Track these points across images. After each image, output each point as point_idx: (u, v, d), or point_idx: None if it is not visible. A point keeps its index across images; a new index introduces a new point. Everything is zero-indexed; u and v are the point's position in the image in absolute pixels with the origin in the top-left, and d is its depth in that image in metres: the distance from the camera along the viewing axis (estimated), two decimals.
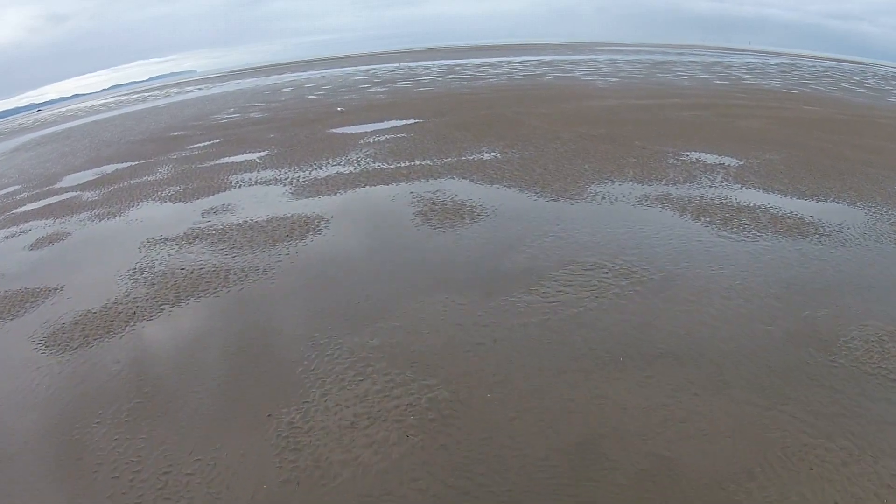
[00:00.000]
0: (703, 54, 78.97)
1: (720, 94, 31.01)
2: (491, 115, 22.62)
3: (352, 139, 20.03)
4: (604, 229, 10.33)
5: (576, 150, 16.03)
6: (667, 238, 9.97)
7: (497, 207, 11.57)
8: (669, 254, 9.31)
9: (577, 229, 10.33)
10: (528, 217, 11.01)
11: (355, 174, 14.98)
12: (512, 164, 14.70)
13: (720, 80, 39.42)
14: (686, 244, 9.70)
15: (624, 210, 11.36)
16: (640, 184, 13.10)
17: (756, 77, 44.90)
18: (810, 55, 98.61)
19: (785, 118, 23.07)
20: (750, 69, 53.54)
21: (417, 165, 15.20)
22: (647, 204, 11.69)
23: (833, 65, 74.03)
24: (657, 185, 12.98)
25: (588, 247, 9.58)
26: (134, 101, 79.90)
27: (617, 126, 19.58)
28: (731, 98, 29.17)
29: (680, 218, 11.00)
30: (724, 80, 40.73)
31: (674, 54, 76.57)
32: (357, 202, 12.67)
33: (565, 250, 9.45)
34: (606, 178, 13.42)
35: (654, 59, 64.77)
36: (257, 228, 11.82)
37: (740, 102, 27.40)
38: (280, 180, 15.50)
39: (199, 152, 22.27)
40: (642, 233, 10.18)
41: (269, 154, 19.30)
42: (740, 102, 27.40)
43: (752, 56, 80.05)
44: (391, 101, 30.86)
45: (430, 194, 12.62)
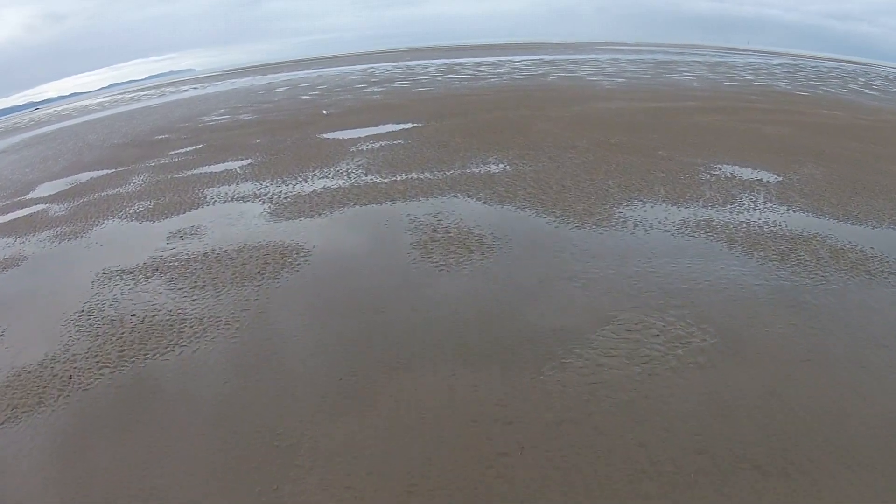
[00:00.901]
0: (704, 54, 76.89)
1: (734, 96, 29.01)
2: (495, 119, 20.57)
3: (343, 146, 17.97)
4: (643, 269, 8.32)
5: (595, 162, 14.01)
6: (720, 281, 8.00)
7: (511, 236, 9.55)
8: (727, 304, 7.34)
9: (610, 269, 8.32)
10: (549, 250, 8.99)
11: (344, 190, 12.93)
12: (524, 180, 12.68)
13: (730, 82, 37.41)
14: (745, 290, 7.73)
15: (663, 241, 9.35)
16: (675, 205, 11.10)
17: (764, 78, 42.91)
18: (811, 55, 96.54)
19: (808, 124, 21.10)
20: (755, 70, 51.55)
21: (416, 179, 13.16)
22: (689, 233, 9.69)
23: (836, 65, 72.10)
24: (695, 208, 10.99)
25: (628, 295, 7.58)
26: (129, 100, 77.61)
27: (635, 133, 17.56)
28: (746, 101, 27.18)
29: (730, 252, 9.02)
30: (734, 81, 38.72)
31: (675, 54, 74.48)
32: (344, 228, 10.63)
33: (601, 300, 7.45)
34: (635, 198, 11.41)
35: (656, 58, 62.70)
36: (225, 261, 9.80)
37: (758, 106, 25.40)
38: (259, 196, 13.45)
39: (178, 159, 20.23)
40: (690, 274, 8.19)
41: (251, 163, 17.24)
42: (758, 106, 25.40)
43: (754, 56, 78.01)
44: (388, 103, 28.77)
45: (430, 218, 10.59)
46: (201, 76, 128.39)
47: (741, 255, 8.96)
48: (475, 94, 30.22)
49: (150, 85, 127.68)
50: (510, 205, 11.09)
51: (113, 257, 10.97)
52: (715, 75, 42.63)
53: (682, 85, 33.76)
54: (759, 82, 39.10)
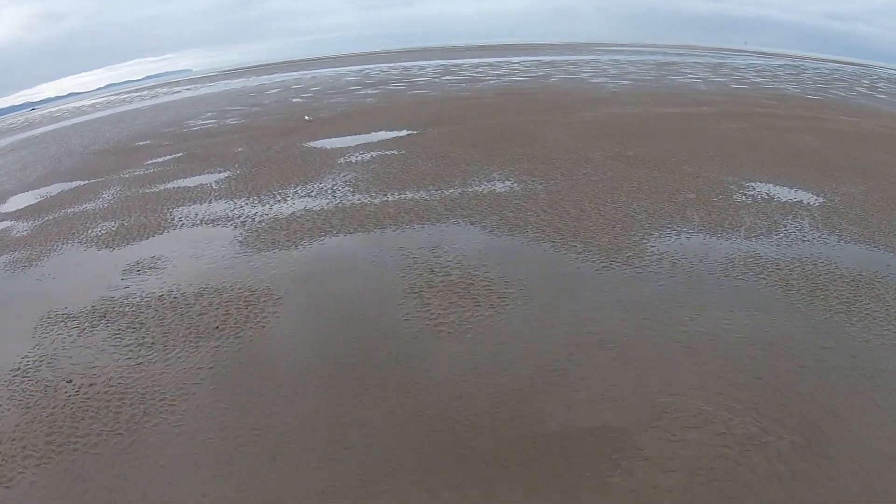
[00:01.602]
0: (704, 55, 75.17)
1: (746, 100, 27.30)
2: (498, 126, 18.76)
3: (330, 157, 16.15)
4: (693, 329, 6.57)
5: (614, 179, 12.23)
6: (786, 344, 6.33)
7: (525, 281, 7.77)
8: (799, 380, 5.71)
9: (652, 328, 6.57)
10: (573, 301, 7.22)
11: (328, 213, 11.13)
12: (535, 201, 10.89)
13: (737, 84, 35.70)
14: (816, 356, 6.09)
15: (710, 287, 7.60)
16: (714, 236, 9.35)
17: (770, 80, 41.25)
18: (810, 56, 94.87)
19: (831, 132, 19.40)
20: (759, 71, 49.89)
21: (410, 201, 11.35)
22: (738, 274, 7.95)
23: (836, 67, 70.57)
24: (737, 239, 9.25)
25: (678, 367, 5.85)
26: (121, 101, 75.53)
27: (652, 142, 15.79)
28: (760, 106, 25.46)
29: (788, 300, 7.32)
30: (741, 83, 37.02)
31: (674, 55, 72.72)
32: (323, 265, 8.82)
33: (645, 377, 5.71)
34: (667, 227, 9.65)
35: (656, 59, 60.96)
36: (181, 308, 8.03)
37: (774, 112, 23.68)
38: (231, 219, 11.64)
39: (154, 170, 18.41)
40: (750, 333, 6.48)
41: (229, 176, 15.40)
42: (774, 112, 23.68)
43: (754, 58, 76.32)
44: (382, 106, 26.93)
45: (426, 253, 8.80)
46: (196, 77, 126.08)
47: (802, 305, 7.24)
48: (474, 97, 28.39)
49: (146, 86, 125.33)
50: (522, 235, 9.30)
51: (62, 295, 9.31)
52: (720, 77, 40.92)
53: (689, 88, 32.01)
54: (766, 85, 37.41)
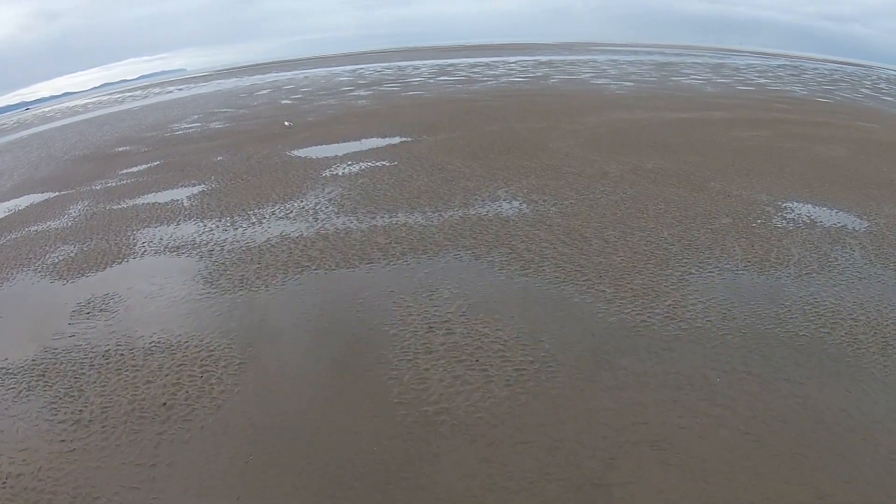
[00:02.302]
0: (702, 55, 73.59)
1: (757, 104, 25.76)
2: (499, 133, 17.11)
3: (315, 168, 14.45)
4: (762, 414, 4.98)
5: (637, 199, 10.62)
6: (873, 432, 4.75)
7: (548, 344, 6.16)
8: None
9: (712, 417, 4.97)
10: (612, 376, 5.63)
11: (307, 241, 9.45)
12: (550, 228, 9.26)
13: (743, 86, 34.16)
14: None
15: (770, 351, 6.06)
16: (762, 273, 7.81)
17: (774, 82, 39.75)
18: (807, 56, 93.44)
19: (854, 141, 17.86)
20: (761, 72, 48.39)
21: (402, 226, 9.69)
22: (799, 330, 6.44)
23: (835, 67, 69.24)
24: (788, 278, 7.72)
25: (755, 475, 4.26)
26: (113, 101, 73.41)
27: (671, 154, 14.19)
28: (773, 110, 23.92)
29: (859, 365, 5.76)
30: (746, 85, 35.49)
31: (672, 55, 71.14)
32: (297, 318, 7.15)
33: (712, 492, 4.10)
34: (707, 262, 8.06)
35: (654, 59, 59.38)
36: (127, 372, 6.48)
37: (789, 117, 22.14)
38: (198, 247, 9.97)
39: (127, 182, 16.72)
40: (830, 420, 4.88)
41: (203, 191, 13.71)
42: (789, 117, 22.14)
43: (752, 58, 74.80)
44: (374, 109, 25.22)
45: (423, 300, 7.15)
46: (190, 76, 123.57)
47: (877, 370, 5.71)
48: (472, 99, 26.71)
49: (139, 85, 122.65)
50: (537, 275, 7.66)
51: (4, 342, 7.81)
52: (723, 78, 39.38)
53: (695, 90, 30.44)
54: (772, 86, 35.89)
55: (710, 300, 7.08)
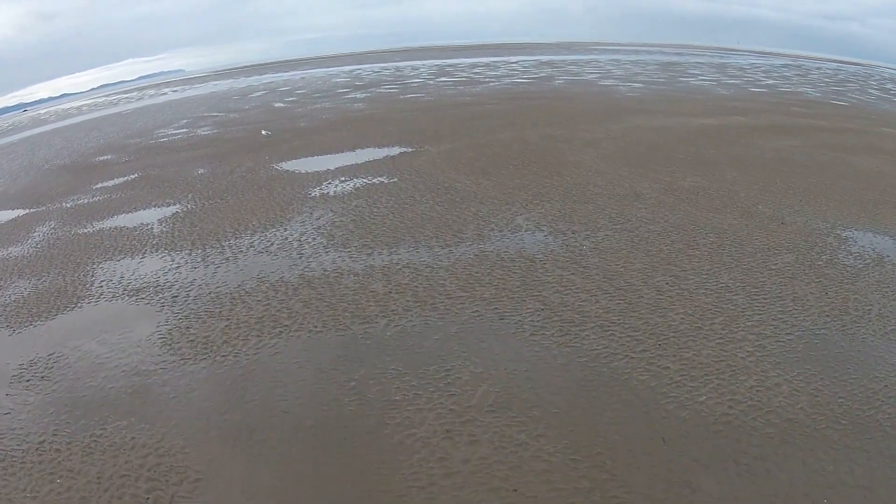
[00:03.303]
0: (703, 54, 71.73)
1: (776, 108, 24.03)
2: (511, 143, 15.29)
3: (303, 185, 12.64)
4: None
5: (682, 229, 8.86)
6: None
7: (616, 470, 4.40)
8: None
9: None
10: None
11: (288, 287, 7.66)
12: (586, 271, 7.49)
13: (755, 88, 32.41)
14: None
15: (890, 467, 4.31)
16: (845, 333, 6.17)
17: (783, 82, 38.02)
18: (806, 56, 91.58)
19: (891, 152, 16.15)
20: (766, 72, 46.64)
21: (406, 268, 7.90)
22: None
23: (837, 67, 67.55)
24: (874, 339, 6.09)
25: None
26: (107, 104, 71.37)
27: (707, 169, 12.42)
28: (795, 115, 22.19)
29: None
30: (757, 86, 33.75)
31: (673, 54, 69.28)
32: (269, 409, 5.36)
33: None
34: (781, 320, 6.36)
35: (657, 59, 57.54)
36: (59, 482, 4.69)
37: (814, 123, 20.42)
38: (161, 290, 8.20)
39: (99, 199, 14.96)
40: None
41: (177, 213, 11.91)
42: (814, 123, 20.42)
43: (753, 57, 72.96)
44: (371, 114, 23.37)
45: (436, 385, 5.39)
46: (188, 77, 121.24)
47: None
48: (476, 102, 24.86)
49: (136, 87, 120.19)
50: (580, 344, 5.89)
51: None
52: (732, 79, 37.63)
53: (708, 92, 28.66)
54: (782, 88, 34.15)
55: (794, 376, 5.39)
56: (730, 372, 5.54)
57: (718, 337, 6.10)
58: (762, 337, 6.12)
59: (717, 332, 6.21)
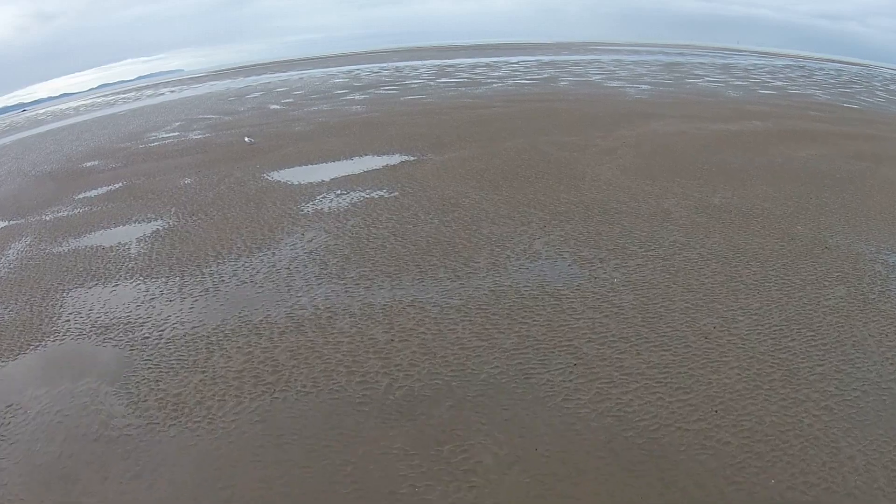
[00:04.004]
0: (704, 54, 70.59)
1: (790, 111, 22.99)
2: (521, 152, 14.17)
3: (295, 199, 11.53)
4: None
5: (721, 256, 7.79)
6: None
7: None
8: None
9: None
10: None
11: (273, 331, 6.57)
12: (621, 312, 6.43)
13: (763, 90, 31.34)
14: None
15: None
16: None
17: (791, 84, 36.97)
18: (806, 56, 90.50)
19: None
20: (771, 73, 45.59)
21: (410, 306, 6.82)
22: None
23: (838, 67, 66.58)
24: None
25: None
26: (104, 104, 70.13)
27: (737, 182, 11.35)
28: (810, 119, 21.15)
29: None
30: (765, 88, 32.68)
31: (675, 54, 68.14)
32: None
33: None
34: (844, 372, 5.41)
35: (658, 59, 56.41)
36: None
37: (832, 128, 19.38)
38: (132, 328, 7.13)
39: (80, 211, 13.90)
40: None
41: (158, 230, 10.81)
42: (832, 128, 19.38)
43: (755, 57, 71.86)
44: (370, 117, 22.24)
45: (456, 482, 4.32)
46: (186, 77, 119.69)
47: None
48: (479, 105, 23.74)
49: (134, 87, 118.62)
50: (624, 412, 4.84)
51: None
52: (738, 80, 36.56)
53: (718, 94, 27.57)
54: (791, 90, 33.09)
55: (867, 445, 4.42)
56: (798, 444, 4.51)
57: (780, 398, 5.06)
58: (827, 395, 5.09)
59: (777, 391, 5.17)
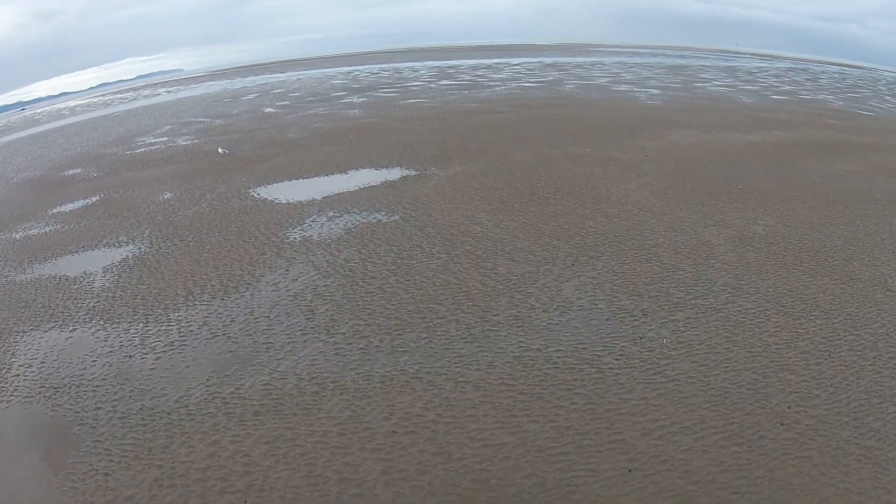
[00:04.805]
0: (706, 57, 69.21)
1: (808, 118, 21.73)
2: (534, 165, 12.82)
3: (281, 223, 10.15)
4: None
5: (776, 302, 6.50)
6: None
7: None
8: None
9: None
10: None
11: (245, 408, 5.24)
12: (675, 386, 5.13)
13: (776, 95, 30.06)
14: None
15: None
16: None
17: (799, 89, 35.71)
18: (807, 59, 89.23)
19: None
20: (776, 76, 44.35)
21: (414, 377, 5.49)
22: None
23: (840, 70, 65.35)
24: None
25: None
26: (100, 104, 68.43)
27: (777, 206, 10.03)
28: (831, 128, 19.87)
29: None
30: (776, 93, 31.40)
31: (677, 56, 66.76)
32: None
33: None
34: None
35: (661, 62, 55.06)
36: None
37: (856, 139, 18.11)
38: (85, 390, 5.83)
39: (51, 229, 12.66)
40: None
41: (126, 259, 9.45)
42: (856, 139, 18.11)
43: (757, 60, 70.58)
44: (368, 123, 20.86)
45: None
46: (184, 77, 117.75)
47: None
48: (483, 110, 22.37)
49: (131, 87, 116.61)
50: None
51: None
52: (746, 84, 35.27)
53: (730, 99, 26.26)
54: (802, 95, 31.80)
55: None
56: None
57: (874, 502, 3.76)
58: None
59: (868, 492, 3.88)
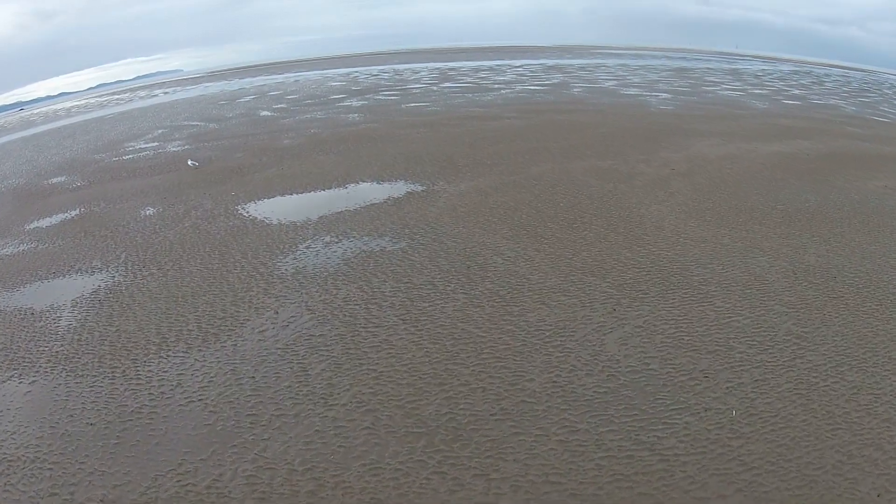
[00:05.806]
0: (709, 59, 68.08)
1: (827, 127, 20.65)
2: (553, 181, 11.64)
3: (270, 250, 8.94)
4: None
5: (849, 357, 5.39)
6: None
7: None
8: None
9: None
10: None
11: None
12: (754, 477, 4.04)
13: (788, 100, 28.96)
14: None
15: None
16: None
17: (809, 93, 34.64)
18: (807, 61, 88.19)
19: None
20: (782, 79, 43.27)
21: (431, 490, 4.30)
22: None
23: (843, 73, 64.35)
24: None
25: None
26: (97, 105, 67.11)
27: (825, 229, 8.88)
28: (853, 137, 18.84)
29: None
30: (787, 97, 30.32)
31: (679, 59, 65.62)
32: None
33: None
34: None
35: (664, 64, 53.93)
36: None
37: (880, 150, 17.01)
38: (39, 471, 4.59)
39: (24, 248, 11.67)
40: None
41: (97, 291, 8.24)
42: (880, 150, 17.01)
43: (759, 62, 69.50)
44: (369, 129, 19.65)
45: None
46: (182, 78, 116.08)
47: None
48: (490, 115, 21.17)
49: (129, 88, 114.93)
50: None
51: None
52: (756, 88, 34.17)
53: (743, 105, 25.12)
54: (813, 100, 30.71)
55: None
56: None
57: None
58: None
59: None
